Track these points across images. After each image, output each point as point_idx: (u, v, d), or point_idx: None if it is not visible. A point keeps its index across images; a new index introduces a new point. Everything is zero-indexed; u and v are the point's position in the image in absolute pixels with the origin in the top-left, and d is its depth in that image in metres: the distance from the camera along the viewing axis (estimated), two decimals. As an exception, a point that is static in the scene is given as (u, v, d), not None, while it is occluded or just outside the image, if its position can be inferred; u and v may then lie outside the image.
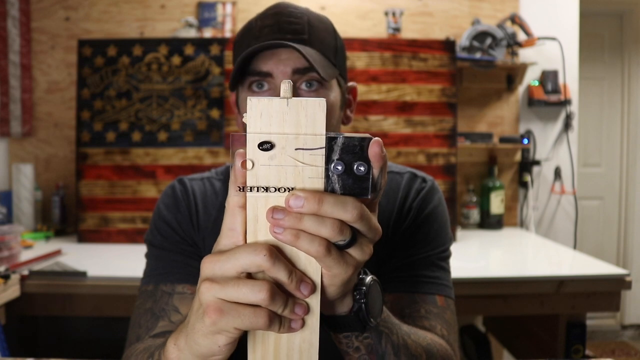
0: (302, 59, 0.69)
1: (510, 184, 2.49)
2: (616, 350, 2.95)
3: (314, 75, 0.71)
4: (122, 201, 2.02)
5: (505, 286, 1.52)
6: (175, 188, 0.84)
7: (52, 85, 2.37)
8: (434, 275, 0.76)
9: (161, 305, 0.74)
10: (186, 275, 0.77)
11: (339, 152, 0.40)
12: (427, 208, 0.80)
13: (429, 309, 0.72)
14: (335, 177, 0.40)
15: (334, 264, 0.41)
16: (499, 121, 2.50)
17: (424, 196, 0.81)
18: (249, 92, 0.73)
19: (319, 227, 0.39)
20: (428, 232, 0.78)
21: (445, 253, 0.80)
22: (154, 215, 0.83)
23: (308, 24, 0.72)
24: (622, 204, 3.23)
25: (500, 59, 2.31)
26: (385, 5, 2.38)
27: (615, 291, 1.56)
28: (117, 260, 1.76)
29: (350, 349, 0.55)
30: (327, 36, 0.74)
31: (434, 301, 0.74)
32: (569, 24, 2.50)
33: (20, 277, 1.50)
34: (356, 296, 0.50)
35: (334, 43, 0.75)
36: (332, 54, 0.73)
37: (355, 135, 0.40)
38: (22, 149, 2.36)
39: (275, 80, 0.71)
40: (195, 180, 0.85)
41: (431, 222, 0.79)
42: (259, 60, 0.71)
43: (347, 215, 0.39)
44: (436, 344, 0.66)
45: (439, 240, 0.79)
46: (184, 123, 2.04)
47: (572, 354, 1.56)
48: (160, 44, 2.06)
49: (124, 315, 1.59)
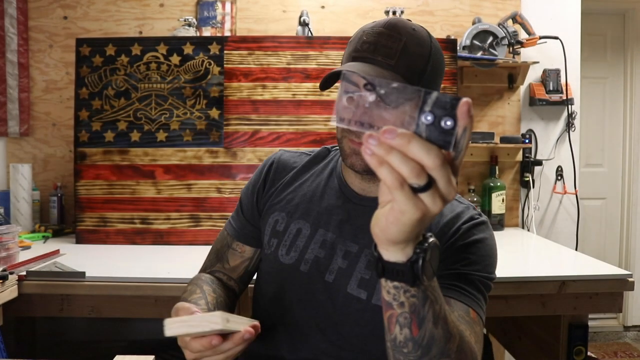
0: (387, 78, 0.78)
1: (511, 183, 2.48)
2: (618, 351, 2.94)
3: None
4: (121, 201, 2.01)
5: (507, 287, 1.51)
6: (275, 157, 1.03)
7: (50, 85, 2.35)
8: (471, 291, 0.79)
9: (222, 252, 1.02)
10: (244, 235, 1.01)
11: (431, 104, 0.44)
12: (478, 234, 0.85)
13: (461, 315, 0.75)
14: (424, 127, 0.44)
15: (403, 200, 0.46)
16: (500, 120, 2.48)
17: (476, 224, 0.86)
18: None
19: (400, 165, 0.44)
20: (475, 255, 0.83)
21: (487, 281, 0.83)
22: (256, 171, 1.04)
23: (402, 51, 0.80)
24: (624, 204, 3.21)
25: (501, 58, 2.29)
26: (386, 4, 2.37)
27: (618, 292, 1.55)
28: (116, 261, 1.75)
29: (395, 302, 0.58)
30: (418, 61, 0.81)
31: (467, 311, 0.77)
32: (570, 23, 2.49)
33: (18, 277, 1.48)
34: (417, 249, 0.52)
35: (423, 68, 0.82)
36: (417, 76, 0.81)
37: (448, 95, 0.45)
38: (20, 149, 2.35)
39: None
40: (290, 155, 1.04)
41: (479, 247, 0.84)
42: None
43: (429, 161, 0.44)
44: (467, 336, 0.69)
45: (484, 267, 0.83)
46: (183, 123, 2.03)
47: (574, 355, 1.55)
48: (159, 43, 2.05)
49: (122, 316, 1.58)
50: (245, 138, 2.05)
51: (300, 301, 0.90)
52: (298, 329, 0.90)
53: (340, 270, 0.89)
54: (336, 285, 0.88)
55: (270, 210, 0.97)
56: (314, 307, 0.89)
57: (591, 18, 2.91)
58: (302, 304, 0.90)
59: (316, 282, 0.90)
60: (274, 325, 0.92)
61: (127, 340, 2.25)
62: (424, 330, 0.59)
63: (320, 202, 0.94)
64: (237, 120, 2.05)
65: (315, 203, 0.94)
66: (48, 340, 2.23)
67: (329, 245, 0.90)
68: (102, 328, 2.28)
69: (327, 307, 0.88)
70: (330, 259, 0.89)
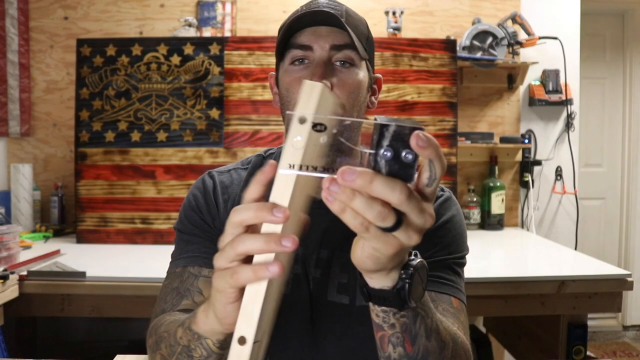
0: (339, 37, 0.77)
1: (511, 184, 2.48)
2: (617, 351, 2.94)
3: (348, 53, 0.77)
4: (121, 201, 2.01)
5: (506, 287, 1.51)
6: (205, 181, 0.89)
7: (51, 85, 2.36)
8: (450, 278, 0.78)
9: (187, 286, 0.79)
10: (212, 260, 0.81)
11: (389, 138, 0.42)
12: (446, 214, 0.83)
13: (445, 308, 0.75)
14: (383, 162, 0.42)
15: (374, 240, 0.44)
16: (500, 121, 2.49)
17: (442, 202, 0.84)
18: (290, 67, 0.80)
19: (365, 210, 0.41)
20: (446, 237, 0.81)
21: (462, 260, 0.82)
22: (183, 205, 0.89)
23: (346, 11, 0.79)
24: (623, 204, 3.22)
25: (501, 58, 2.30)
26: (386, 4, 2.37)
27: (617, 292, 1.55)
28: (116, 261, 1.75)
29: (386, 324, 0.57)
30: (361, 25, 0.81)
31: (449, 302, 0.76)
32: (570, 23, 2.49)
33: (19, 277, 1.49)
34: (402, 275, 0.51)
35: (366, 32, 0.82)
36: (364, 39, 0.80)
37: (407, 125, 0.42)
38: (21, 149, 2.35)
39: (314, 54, 0.77)
40: (223, 174, 0.91)
41: (449, 228, 0.82)
42: (301, 35, 0.78)
43: (395, 197, 0.41)
44: (460, 335, 0.69)
45: (456, 247, 0.81)
46: (183, 123, 2.04)
47: (573, 355, 1.56)
48: (160, 44, 2.06)
49: (123, 315, 1.59)
50: (246, 138, 2.05)
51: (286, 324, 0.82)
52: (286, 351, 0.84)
53: (315, 280, 0.82)
54: (315, 296, 0.81)
55: None
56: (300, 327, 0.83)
57: (590, 18, 2.91)
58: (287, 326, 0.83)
59: (297, 301, 0.82)
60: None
61: (127, 340, 2.26)
62: (418, 346, 0.58)
63: None
64: (238, 120, 2.06)
65: None
66: (49, 339, 2.23)
67: (300, 257, 0.82)
68: (103, 328, 2.28)
69: (312, 320, 0.82)
70: (305, 272, 0.82)
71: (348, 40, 0.76)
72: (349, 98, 0.77)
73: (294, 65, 0.79)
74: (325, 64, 0.76)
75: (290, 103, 0.80)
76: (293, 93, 0.79)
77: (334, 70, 0.77)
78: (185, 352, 0.62)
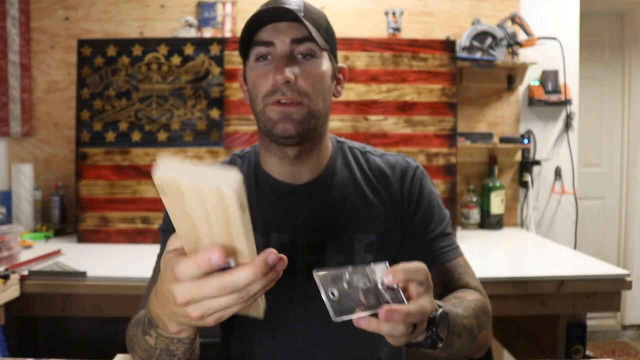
0: (299, 31, 0.81)
1: (510, 184, 2.49)
2: (616, 350, 2.95)
3: (309, 45, 0.82)
4: (122, 201, 2.02)
5: (506, 286, 1.52)
6: None
7: (52, 85, 2.36)
8: (451, 243, 0.91)
9: None
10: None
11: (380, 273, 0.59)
12: (424, 186, 0.93)
13: (460, 271, 0.89)
14: (385, 293, 0.59)
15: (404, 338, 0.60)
16: (499, 121, 2.50)
17: (416, 178, 0.93)
18: (255, 64, 0.84)
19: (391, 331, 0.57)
20: (433, 208, 0.92)
21: (449, 221, 0.94)
22: None
23: (304, 6, 0.83)
24: (622, 204, 3.22)
25: (500, 58, 2.30)
26: (385, 5, 2.38)
27: (616, 291, 1.56)
28: (117, 261, 1.76)
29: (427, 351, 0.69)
30: (319, 18, 0.85)
31: (458, 263, 0.90)
32: (569, 24, 2.50)
33: (20, 277, 1.49)
34: (429, 332, 0.63)
35: (326, 25, 0.86)
36: (324, 32, 0.84)
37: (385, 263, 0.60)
38: (22, 149, 2.36)
39: (276, 49, 0.81)
40: None
41: (432, 198, 0.93)
42: (262, 32, 0.82)
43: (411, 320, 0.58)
44: (477, 302, 0.81)
45: (443, 214, 0.93)
46: (183, 123, 2.04)
47: (572, 354, 1.56)
48: (160, 44, 2.06)
49: (123, 315, 1.58)
50: (246, 138, 2.06)
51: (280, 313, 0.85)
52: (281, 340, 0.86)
53: (310, 265, 0.84)
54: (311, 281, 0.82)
55: None
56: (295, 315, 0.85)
57: (589, 19, 2.92)
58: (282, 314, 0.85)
59: (290, 288, 0.84)
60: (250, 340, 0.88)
61: (128, 339, 2.26)
62: (455, 347, 0.72)
63: (260, 207, 0.88)
64: (238, 120, 2.06)
65: (256, 210, 0.88)
66: (50, 339, 2.24)
67: (287, 246, 0.85)
68: (104, 327, 2.28)
69: (308, 308, 0.83)
70: (295, 258, 0.84)
71: (307, 33, 0.80)
72: (313, 87, 0.82)
73: (258, 62, 0.83)
74: (287, 57, 0.80)
75: (257, 98, 0.83)
76: (259, 87, 0.82)
77: (296, 62, 0.81)
78: (166, 353, 0.64)
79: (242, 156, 0.96)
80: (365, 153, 0.95)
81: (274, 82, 0.80)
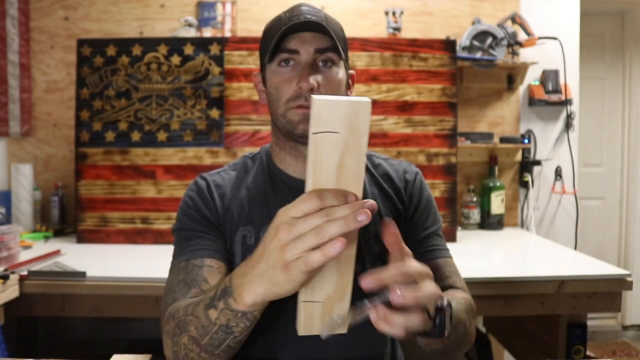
0: (322, 41, 0.88)
1: (510, 184, 2.48)
2: (617, 350, 2.94)
3: (330, 55, 0.89)
4: (122, 201, 2.02)
5: (506, 286, 1.52)
6: (198, 182, 0.98)
7: (51, 85, 2.36)
8: (441, 243, 0.99)
9: (193, 276, 0.85)
10: (214, 252, 0.89)
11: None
12: (423, 189, 1.02)
13: (449, 270, 0.95)
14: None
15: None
16: (500, 121, 2.49)
17: (417, 181, 1.02)
18: (278, 68, 0.91)
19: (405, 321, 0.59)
20: (431, 211, 1.00)
21: (441, 225, 1.03)
22: (181, 206, 0.96)
23: (325, 17, 0.91)
24: (623, 204, 3.22)
25: (500, 58, 2.30)
26: (386, 4, 2.38)
27: (617, 292, 1.55)
28: (117, 261, 1.76)
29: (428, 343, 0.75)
30: (338, 29, 0.93)
31: (447, 263, 0.96)
32: (569, 24, 2.50)
33: (19, 277, 1.49)
34: (436, 321, 0.65)
35: (343, 35, 0.95)
36: (342, 42, 0.92)
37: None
38: (21, 149, 2.36)
39: (300, 57, 0.89)
40: (214, 175, 0.99)
41: (430, 200, 1.02)
42: (288, 41, 0.89)
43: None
44: (466, 300, 0.88)
45: (438, 217, 1.02)
46: (183, 123, 2.04)
47: (573, 355, 1.56)
48: (160, 44, 2.06)
49: (123, 315, 1.59)
50: (246, 138, 2.05)
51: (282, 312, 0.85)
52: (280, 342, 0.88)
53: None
54: None
55: (232, 229, 0.92)
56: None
57: (590, 19, 2.91)
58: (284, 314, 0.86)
59: None
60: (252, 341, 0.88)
61: (127, 339, 2.26)
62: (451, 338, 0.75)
63: (275, 202, 0.91)
64: (238, 120, 2.06)
65: (272, 206, 0.92)
66: (49, 339, 2.24)
67: None
68: (103, 328, 2.29)
69: None
70: None
71: (329, 43, 0.88)
72: (333, 94, 0.88)
73: (281, 66, 0.90)
74: (311, 65, 0.88)
75: (280, 101, 0.90)
76: (282, 92, 0.89)
77: (318, 70, 0.88)
78: (223, 330, 0.70)
79: (252, 157, 1.02)
80: (370, 156, 1.04)
81: (298, 89, 0.87)
